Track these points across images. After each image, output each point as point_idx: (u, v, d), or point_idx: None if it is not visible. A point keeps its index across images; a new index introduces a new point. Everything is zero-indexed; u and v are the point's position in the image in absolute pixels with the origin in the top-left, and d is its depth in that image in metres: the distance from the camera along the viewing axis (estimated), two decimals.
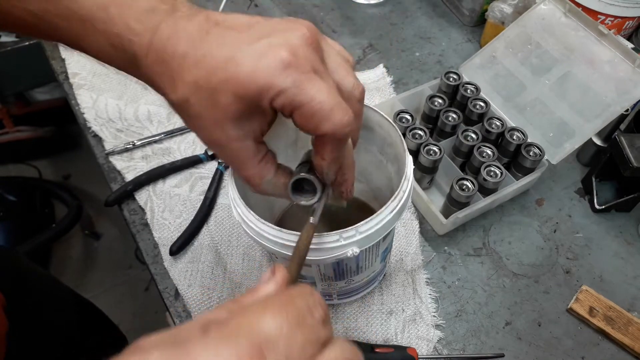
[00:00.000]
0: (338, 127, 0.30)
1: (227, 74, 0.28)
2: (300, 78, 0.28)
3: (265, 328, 0.20)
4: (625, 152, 0.60)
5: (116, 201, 0.64)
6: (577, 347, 0.56)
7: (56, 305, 0.79)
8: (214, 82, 0.29)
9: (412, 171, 0.43)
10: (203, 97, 0.29)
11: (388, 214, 0.40)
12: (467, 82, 0.69)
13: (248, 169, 0.33)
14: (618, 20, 0.73)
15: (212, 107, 0.30)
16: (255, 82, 0.28)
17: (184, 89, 0.30)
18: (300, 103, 0.29)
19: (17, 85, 1.58)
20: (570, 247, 0.64)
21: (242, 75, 0.28)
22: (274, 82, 0.28)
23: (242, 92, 0.28)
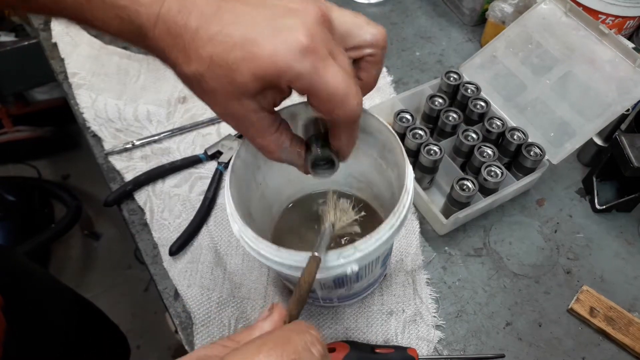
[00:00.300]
0: (350, 113, 0.32)
1: (245, 53, 0.29)
2: (317, 63, 0.29)
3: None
4: (626, 152, 0.60)
5: (115, 201, 0.64)
6: (578, 348, 0.56)
7: (55, 304, 0.78)
8: (231, 59, 0.29)
9: (412, 183, 0.42)
10: (219, 73, 0.30)
11: (388, 230, 0.39)
12: (467, 81, 0.69)
13: (266, 138, 0.34)
14: (619, 19, 0.73)
15: (228, 83, 0.30)
16: (275, 64, 0.29)
17: (198, 64, 0.30)
18: (316, 88, 0.30)
19: (16, 85, 1.58)
20: (570, 248, 0.64)
21: (261, 57, 0.29)
22: (293, 66, 0.29)
23: (261, 72, 0.29)
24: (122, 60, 0.79)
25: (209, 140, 0.71)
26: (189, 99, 0.75)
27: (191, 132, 0.72)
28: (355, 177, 0.57)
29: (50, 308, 0.75)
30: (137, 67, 0.78)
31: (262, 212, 0.53)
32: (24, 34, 1.60)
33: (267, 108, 0.33)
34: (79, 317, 0.84)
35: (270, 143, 0.35)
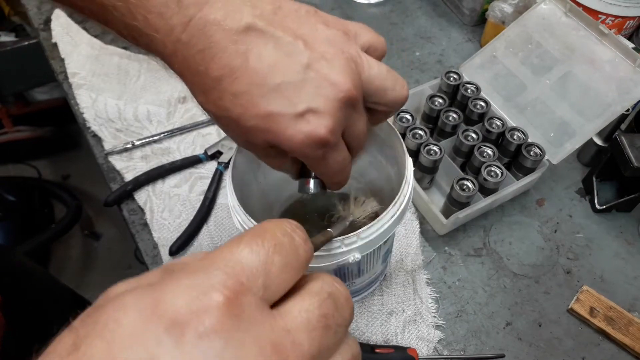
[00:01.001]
0: (341, 186, 0.37)
1: (266, 127, 0.29)
2: (326, 153, 0.32)
3: (240, 257, 0.19)
4: (625, 152, 0.60)
5: (115, 201, 0.64)
6: (578, 348, 0.56)
7: (55, 303, 0.79)
8: (249, 125, 0.30)
9: (412, 174, 0.43)
10: (234, 127, 0.31)
11: (389, 219, 0.40)
12: (467, 81, 0.69)
13: (268, 161, 0.36)
14: (619, 19, 0.73)
15: (241, 136, 0.32)
16: (290, 145, 0.30)
17: (216, 109, 0.30)
18: (317, 168, 0.34)
19: (16, 85, 1.58)
20: (570, 247, 0.64)
21: (278, 135, 0.30)
22: (304, 151, 0.31)
23: (275, 142, 0.30)
24: (122, 60, 0.79)
25: (209, 140, 0.71)
26: (189, 99, 0.75)
27: (191, 132, 0.72)
28: (355, 176, 0.57)
29: (49, 307, 0.75)
30: (137, 67, 0.78)
31: (263, 212, 0.53)
32: (24, 34, 1.60)
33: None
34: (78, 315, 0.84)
35: (273, 164, 0.37)
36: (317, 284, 0.21)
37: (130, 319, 0.16)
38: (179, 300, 0.17)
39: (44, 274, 0.90)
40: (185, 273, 0.18)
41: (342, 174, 0.35)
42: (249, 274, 0.18)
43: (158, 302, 0.17)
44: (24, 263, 0.76)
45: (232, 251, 0.19)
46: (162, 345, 0.16)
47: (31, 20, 0.85)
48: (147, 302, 0.17)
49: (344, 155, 0.33)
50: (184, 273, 0.18)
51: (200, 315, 0.16)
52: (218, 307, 0.17)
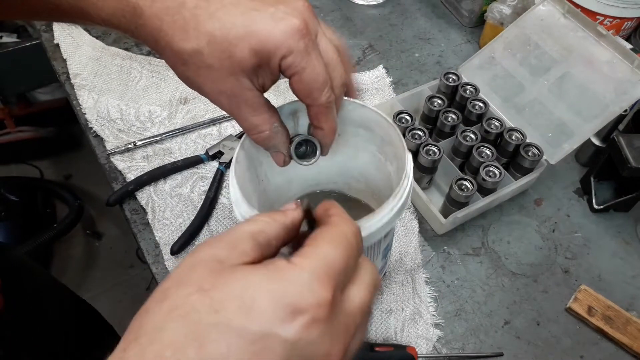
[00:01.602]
0: (325, 98, 0.35)
1: (246, 30, 0.32)
2: (308, 46, 0.33)
3: (332, 260, 0.25)
4: (623, 152, 0.60)
5: (117, 201, 0.65)
6: (576, 347, 0.57)
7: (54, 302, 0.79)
8: (232, 35, 0.32)
9: (412, 169, 0.44)
10: (218, 49, 0.32)
11: (389, 212, 0.41)
12: (466, 82, 0.69)
13: (259, 115, 0.36)
14: (617, 21, 0.74)
15: (227, 58, 0.32)
16: (273, 39, 0.32)
17: (197, 40, 0.32)
18: (303, 67, 0.33)
19: (18, 86, 1.59)
20: (568, 247, 0.64)
21: (260, 33, 0.32)
22: (288, 43, 0.32)
23: (259, 47, 0.32)
24: (124, 61, 0.79)
25: (211, 141, 0.71)
26: (191, 99, 0.76)
27: (193, 133, 0.72)
28: (354, 176, 0.58)
29: (49, 307, 0.76)
30: (138, 68, 0.79)
31: (263, 211, 0.54)
32: (26, 35, 1.60)
33: (259, 88, 0.35)
34: (76, 316, 0.84)
35: (263, 120, 0.37)
36: (368, 276, 0.27)
37: (262, 297, 0.22)
38: (301, 292, 0.23)
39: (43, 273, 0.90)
40: (299, 268, 0.24)
41: (324, 88, 0.35)
42: (338, 274, 0.25)
43: (284, 289, 0.23)
44: (24, 261, 0.76)
45: (326, 251, 0.25)
46: (288, 324, 0.22)
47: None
48: (276, 287, 0.23)
49: (322, 63, 0.34)
50: (298, 268, 0.24)
51: (316, 306, 0.23)
52: (327, 302, 0.23)
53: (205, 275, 0.23)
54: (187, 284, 0.23)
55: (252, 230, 0.26)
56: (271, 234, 0.27)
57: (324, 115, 0.37)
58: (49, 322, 0.73)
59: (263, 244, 0.26)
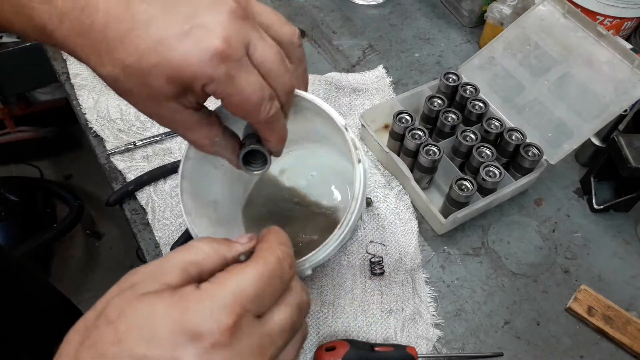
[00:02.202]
0: (265, 117, 0.32)
1: (159, 57, 0.28)
2: (231, 69, 0.29)
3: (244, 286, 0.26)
4: (623, 152, 0.60)
5: (117, 201, 0.65)
6: (576, 347, 0.57)
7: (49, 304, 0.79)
8: (144, 65, 0.28)
9: (362, 189, 0.42)
10: (133, 77, 0.29)
11: (335, 241, 0.42)
12: (466, 82, 0.69)
13: (196, 133, 0.34)
14: (617, 21, 0.74)
15: (144, 86, 0.30)
16: (188, 69, 0.29)
17: (111, 66, 0.29)
18: (229, 93, 0.30)
19: (18, 86, 1.59)
20: (568, 247, 0.64)
21: (174, 61, 0.28)
22: (206, 71, 0.29)
23: (175, 76, 0.29)
24: None
25: None
26: None
27: None
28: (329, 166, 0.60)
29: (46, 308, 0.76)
30: None
31: (231, 194, 0.54)
32: None
33: (190, 106, 0.32)
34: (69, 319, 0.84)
35: (201, 137, 0.35)
36: (291, 298, 0.28)
37: (162, 325, 0.23)
38: (200, 318, 0.24)
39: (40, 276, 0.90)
40: (205, 294, 0.25)
41: (262, 105, 0.31)
42: (250, 300, 0.25)
43: (184, 316, 0.24)
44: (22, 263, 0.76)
45: (239, 279, 0.26)
46: (186, 350, 0.23)
47: None
48: (176, 315, 0.24)
49: (256, 78, 0.30)
50: (204, 294, 0.25)
51: (215, 332, 0.23)
52: (227, 328, 0.24)
53: (116, 306, 0.25)
54: (101, 315, 0.25)
55: (186, 262, 0.27)
56: (206, 267, 0.27)
57: (268, 129, 0.34)
58: (46, 323, 0.73)
59: (193, 276, 0.27)
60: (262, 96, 0.31)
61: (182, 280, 0.26)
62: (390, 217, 0.65)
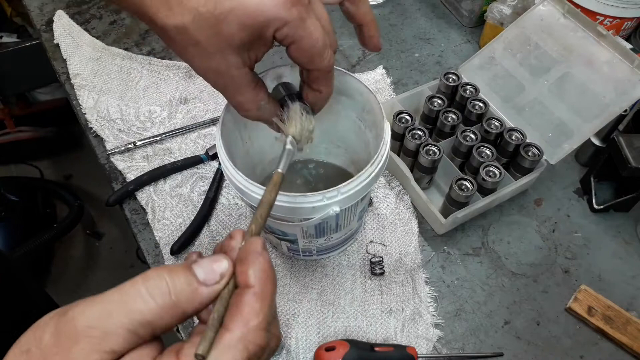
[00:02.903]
0: (327, 63, 0.34)
1: (234, 3, 0.29)
2: (302, 13, 0.31)
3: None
4: (623, 152, 0.60)
5: (117, 201, 0.65)
6: (576, 347, 0.57)
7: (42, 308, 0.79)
8: (219, 10, 0.29)
9: (389, 136, 0.46)
10: (204, 25, 0.30)
11: (367, 177, 0.44)
12: (466, 82, 0.69)
13: (244, 94, 0.35)
14: (617, 21, 0.74)
15: (214, 35, 0.30)
16: (263, 12, 0.30)
17: (182, 16, 0.30)
18: (300, 36, 0.31)
19: (18, 86, 1.59)
20: (568, 247, 0.64)
21: (250, 6, 0.29)
22: (280, 14, 0.30)
23: (249, 21, 0.30)
24: (124, 61, 0.79)
25: (210, 141, 0.71)
26: (191, 99, 0.76)
27: (192, 133, 0.72)
28: (334, 142, 0.61)
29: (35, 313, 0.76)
30: (138, 68, 0.79)
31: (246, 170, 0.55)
32: (26, 35, 1.60)
33: (248, 64, 0.34)
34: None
35: (248, 100, 0.36)
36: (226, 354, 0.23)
37: None
38: None
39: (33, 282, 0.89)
40: None
41: (325, 51, 0.33)
42: None
43: None
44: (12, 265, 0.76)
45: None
46: None
47: (33, 21, 0.85)
48: None
49: (320, 26, 0.32)
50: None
51: None
52: None
53: None
54: None
55: (136, 322, 0.22)
56: (159, 326, 0.23)
57: (325, 79, 0.36)
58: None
59: (143, 336, 0.23)
60: (326, 42, 0.33)
61: (130, 344, 0.22)
62: (391, 217, 0.65)
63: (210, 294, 0.24)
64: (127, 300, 0.23)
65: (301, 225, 0.47)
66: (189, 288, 0.24)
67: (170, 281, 0.23)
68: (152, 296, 0.23)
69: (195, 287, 0.24)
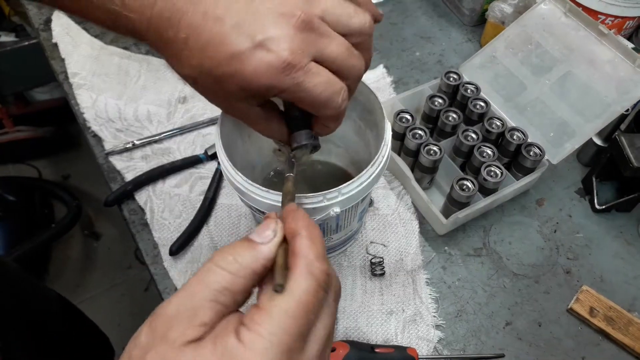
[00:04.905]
0: (335, 110, 0.35)
1: (232, 69, 0.31)
2: (299, 78, 0.32)
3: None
4: (625, 152, 0.60)
5: (116, 201, 0.64)
6: (578, 348, 0.56)
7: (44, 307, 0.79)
8: (219, 74, 0.31)
9: (390, 137, 0.46)
10: (209, 81, 0.32)
11: (368, 178, 0.44)
12: (467, 82, 0.69)
13: (258, 125, 0.38)
14: (618, 20, 0.73)
15: (219, 89, 0.33)
16: (259, 81, 0.31)
17: (190, 70, 0.32)
18: (300, 98, 0.33)
19: (16, 85, 1.58)
20: (570, 247, 0.64)
21: (246, 74, 0.31)
22: (275, 84, 0.31)
23: (248, 87, 0.32)
24: (122, 60, 0.79)
25: (209, 140, 0.71)
26: (190, 99, 0.75)
27: (191, 132, 0.72)
28: (334, 142, 0.60)
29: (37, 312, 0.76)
30: (137, 68, 0.78)
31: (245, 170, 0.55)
32: (25, 34, 1.60)
33: (259, 103, 0.36)
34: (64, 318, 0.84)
35: (262, 129, 0.38)
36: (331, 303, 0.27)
37: None
38: None
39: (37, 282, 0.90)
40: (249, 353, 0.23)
41: (332, 100, 0.34)
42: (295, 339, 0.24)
43: None
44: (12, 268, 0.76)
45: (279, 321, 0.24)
46: None
47: (31, 20, 0.85)
48: None
49: (324, 77, 0.33)
50: (248, 352, 0.23)
51: None
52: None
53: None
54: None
55: (215, 291, 0.25)
56: (238, 289, 0.26)
57: (333, 120, 0.37)
58: (40, 325, 0.73)
59: (227, 304, 0.25)
60: (332, 92, 0.34)
61: (217, 314, 0.25)
62: (391, 217, 0.64)
63: (270, 250, 0.27)
64: (203, 278, 0.25)
65: None
66: (250, 251, 0.27)
67: (233, 251, 0.26)
68: (221, 267, 0.26)
69: (254, 248, 0.27)
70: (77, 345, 0.85)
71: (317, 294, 0.25)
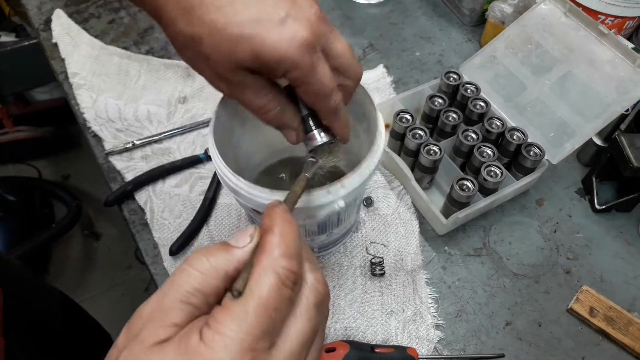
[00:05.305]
0: (333, 106, 0.36)
1: (252, 31, 0.30)
2: (314, 59, 0.32)
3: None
4: (625, 152, 0.60)
5: (116, 201, 0.64)
6: (578, 348, 0.56)
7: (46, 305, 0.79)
8: (236, 33, 0.30)
9: (383, 125, 0.46)
10: (218, 42, 0.31)
11: (367, 167, 0.44)
12: (467, 82, 0.69)
13: (255, 102, 0.36)
14: (618, 20, 0.73)
15: (226, 53, 0.31)
16: (279, 50, 0.31)
17: (199, 27, 0.31)
18: (308, 81, 0.33)
19: (16, 85, 1.59)
20: (570, 247, 0.64)
21: (267, 41, 0.30)
22: (295, 57, 0.31)
23: (262, 53, 0.31)
24: (122, 60, 0.79)
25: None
26: (190, 99, 0.75)
27: (191, 132, 0.72)
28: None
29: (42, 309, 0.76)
30: (137, 68, 0.78)
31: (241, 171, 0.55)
32: (25, 34, 1.60)
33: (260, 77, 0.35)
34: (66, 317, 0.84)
35: (267, 102, 0.36)
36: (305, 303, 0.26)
37: None
38: None
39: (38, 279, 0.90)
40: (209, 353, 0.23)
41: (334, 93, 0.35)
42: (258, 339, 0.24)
43: None
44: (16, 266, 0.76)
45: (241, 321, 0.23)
46: None
47: (31, 20, 0.85)
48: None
49: (329, 70, 0.34)
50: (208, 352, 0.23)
51: None
52: None
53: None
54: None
55: (186, 292, 0.25)
56: (209, 291, 0.25)
57: (333, 117, 0.37)
58: (41, 324, 0.73)
59: (198, 305, 0.25)
60: (333, 87, 0.34)
61: (188, 315, 0.25)
62: (391, 217, 0.64)
63: (245, 252, 0.27)
64: (175, 279, 0.25)
65: (305, 224, 0.47)
66: (223, 253, 0.26)
67: (207, 253, 0.26)
68: (194, 268, 0.25)
69: (229, 250, 0.26)
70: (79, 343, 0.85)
71: (279, 291, 0.25)
